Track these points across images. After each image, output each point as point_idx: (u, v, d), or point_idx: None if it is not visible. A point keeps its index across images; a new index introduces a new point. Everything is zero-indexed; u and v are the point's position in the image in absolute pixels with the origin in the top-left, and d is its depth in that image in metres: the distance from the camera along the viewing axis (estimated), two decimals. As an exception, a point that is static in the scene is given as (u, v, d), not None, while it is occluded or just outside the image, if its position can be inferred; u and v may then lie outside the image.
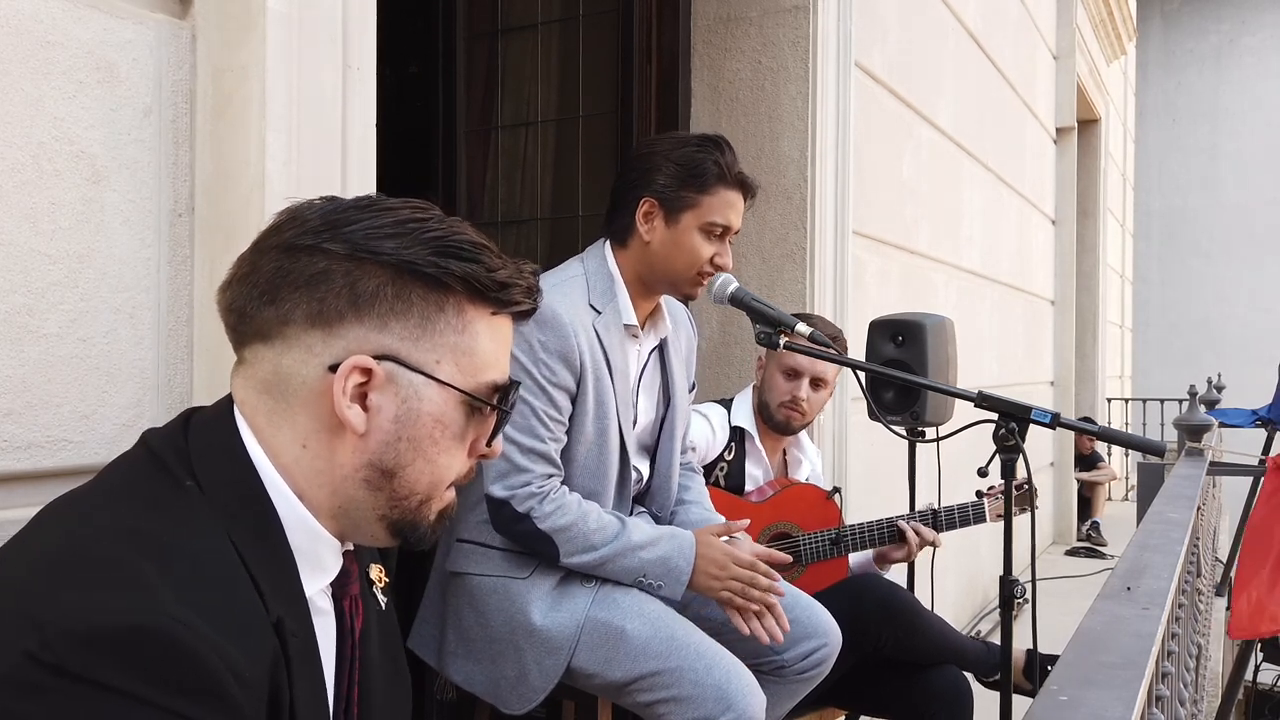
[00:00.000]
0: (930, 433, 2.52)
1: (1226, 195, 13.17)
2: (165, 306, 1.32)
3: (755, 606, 1.77)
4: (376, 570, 1.04)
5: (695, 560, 1.77)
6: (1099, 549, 6.81)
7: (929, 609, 2.41)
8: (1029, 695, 2.28)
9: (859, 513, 2.68)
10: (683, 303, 2.04)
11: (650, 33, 3.05)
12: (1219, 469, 3.96)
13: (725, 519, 1.98)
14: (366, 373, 0.86)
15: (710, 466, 2.37)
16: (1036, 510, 2.37)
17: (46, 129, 1.18)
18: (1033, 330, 6.36)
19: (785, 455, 2.50)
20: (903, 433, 2.53)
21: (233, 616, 0.77)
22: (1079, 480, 7.51)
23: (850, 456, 3.17)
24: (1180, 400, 5.92)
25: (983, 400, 1.77)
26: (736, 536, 1.87)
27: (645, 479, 1.97)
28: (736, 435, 2.41)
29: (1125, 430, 7.27)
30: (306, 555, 0.89)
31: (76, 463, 1.21)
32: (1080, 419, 3.38)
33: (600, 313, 1.81)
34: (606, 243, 1.89)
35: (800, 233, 2.98)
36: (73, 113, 1.21)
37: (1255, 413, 4.95)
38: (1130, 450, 5.70)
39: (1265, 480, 3.14)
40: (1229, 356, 11.93)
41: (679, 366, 1.98)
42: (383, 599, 1.04)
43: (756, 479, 2.41)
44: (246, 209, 1.32)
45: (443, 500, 0.94)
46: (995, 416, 1.77)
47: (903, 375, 2.04)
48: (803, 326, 1.84)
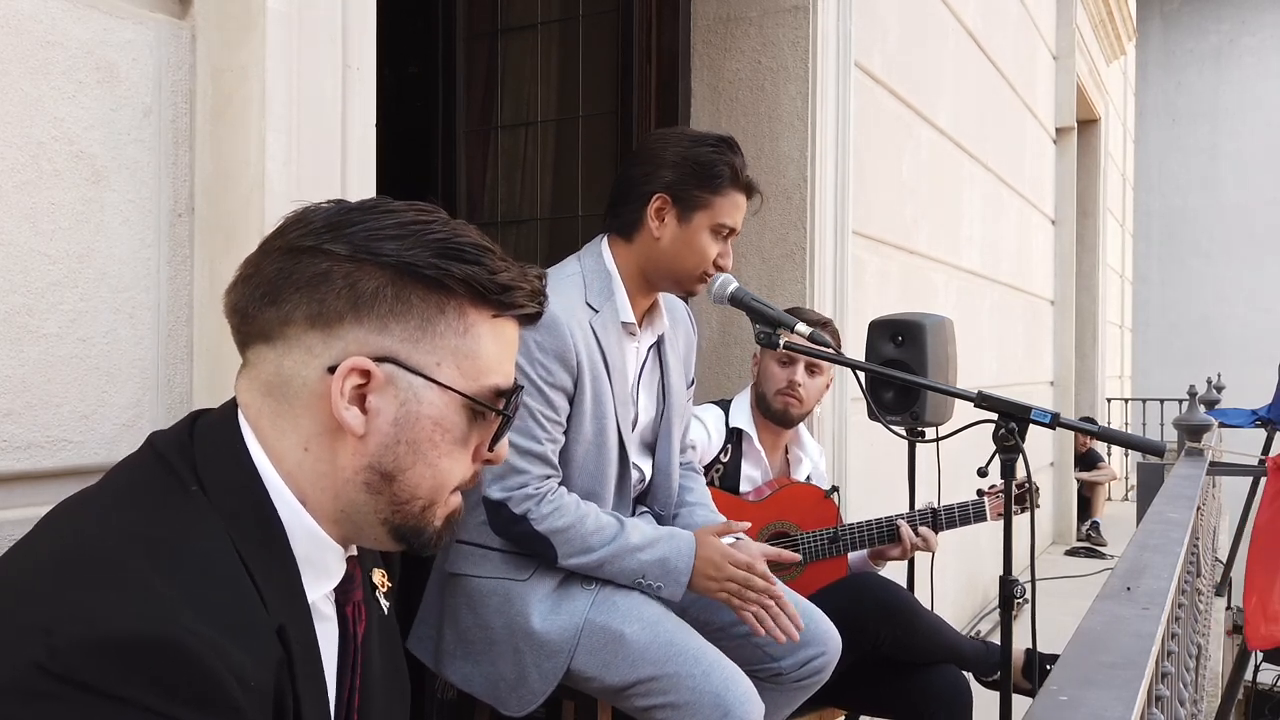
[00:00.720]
0: (930, 433, 2.52)
1: (1226, 195, 13.17)
2: (165, 306, 1.32)
3: (753, 607, 1.77)
4: (379, 575, 1.03)
5: (694, 561, 1.76)
6: (1099, 549, 6.81)
7: (928, 608, 2.41)
8: (1028, 695, 2.28)
9: (859, 512, 2.68)
10: (683, 299, 2.04)
11: (650, 33, 3.05)
12: (1219, 469, 3.96)
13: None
14: (365, 374, 0.85)
15: (706, 469, 2.37)
16: (1038, 509, 2.37)
17: (46, 129, 1.18)
18: (1032, 330, 6.36)
19: (786, 454, 2.50)
20: (902, 433, 2.53)
21: (237, 622, 0.77)
22: (1079, 480, 7.51)
23: (850, 456, 3.17)
24: (1180, 400, 5.92)
25: (982, 400, 1.77)
26: (739, 536, 1.86)
27: (647, 478, 1.97)
28: (733, 437, 2.40)
29: (1125, 430, 7.28)
30: (310, 561, 0.88)
31: (76, 463, 1.21)
32: (1081, 419, 3.38)
33: (598, 311, 1.80)
34: (604, 239, 1.88)
35: (800, 232, 2.98)
36: (72, 113, 1.21)
37: (1255, 413, 4.95)
38: (1130, 450, 5.70)
39: (1267, 485, 3.13)
40: (1229, 356, 11.93)
41: (675, 364, 1.97)
42: (385, 603, 1.04)
43: (754, 480, 2.41)
44: (246, 209, 1.32)
45: (448, 505, 0.92)
46: (995, 416, 1.77)
47: (902, 375, 2.05)
48: (802, 326, 1.84)
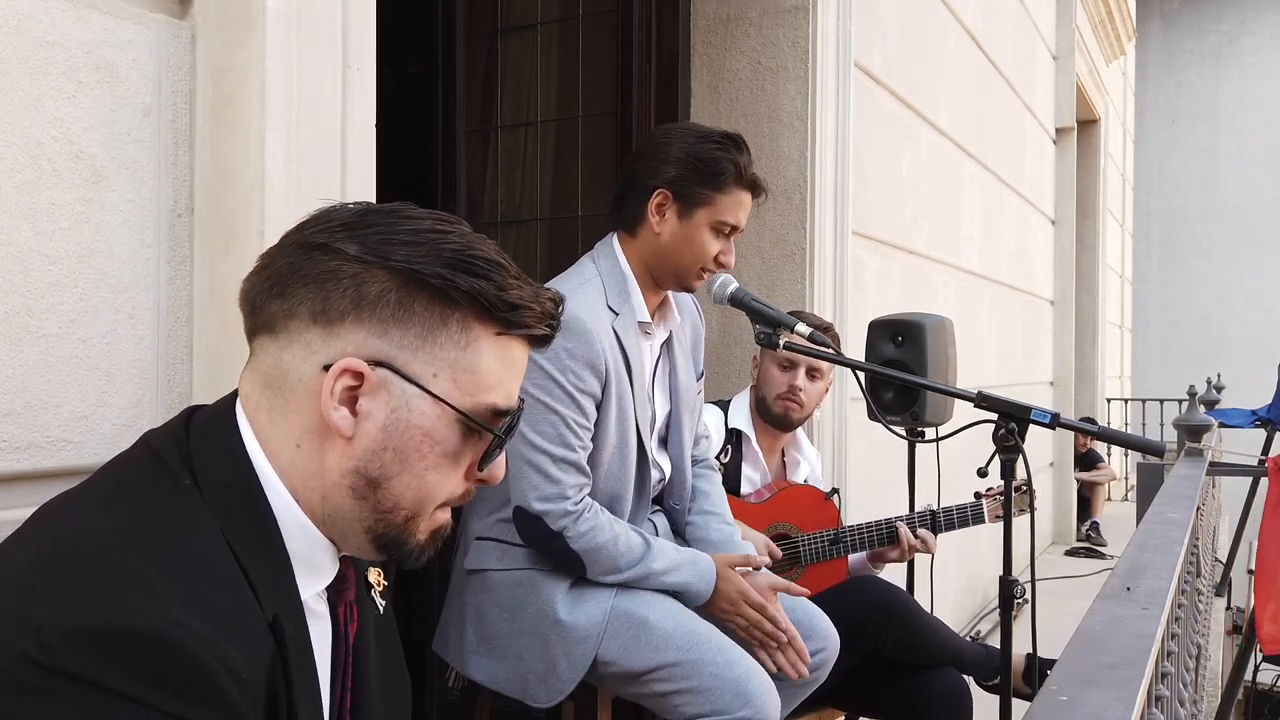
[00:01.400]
0: (930, 433, 2.52)
1: (1226, 195, 13.17)
2: (165, 306, 1.32)
3: (765, 641, 1.81)
4: (375, 574, 1.03)
5: (714, 593, 1.81)
6: (1099, 549, 6.81)
7: (928, 611, 2.41)
8: (1028, 700, 2.27)
9: (859, 513, 2.68)
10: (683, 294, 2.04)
11: (650, 33, 3.05)
12: (1218, 469, 3.96)
13: (742, 533, 1.99)
14: (358, 376, 0.85)
15: None
16: (1035, 512, 2.37)
17: (46, 129, 1.18)
18: (1032, 330, 6.36)
19: (784, 456, 2.49)
20: (902, 433, 2.52)
21: (229, 616, 0.77)
22: (1079, 480, 7.51)
23: (850, 457, 3.17)
24: (1180, 400, 5.92)
25: (982, 400, 1.77)
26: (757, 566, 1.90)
27: (667, 476, 1.98)
28: (733, 438, 2.40)
29: (1125, 430, 7.28)
30: (302, 557, 0.88)
31: (76, 463, 1.21)
32: (1081, 419, 3.38)
33: (618, 314, 1.80)
34: (614, 237, 1.88)
35: (800, 232, 2.98)
36: (72, 113, 1.20)
37: (1255, 413, 4.95)
38: (1130, 450, 5.70)
39: (1270, 490, 3.13)
40: (1229, 356, 11.93)
41: (683, 359, 1.98)
42: (381, 603, 1.03)
43: (754, 481, 2.41)
44: (246, 209, 1.32)
45: (433, 520, 0.91)
46: (995, 417, 1.77)
47: (902, 375, 2.05)
48: (802, 327, 1.85)
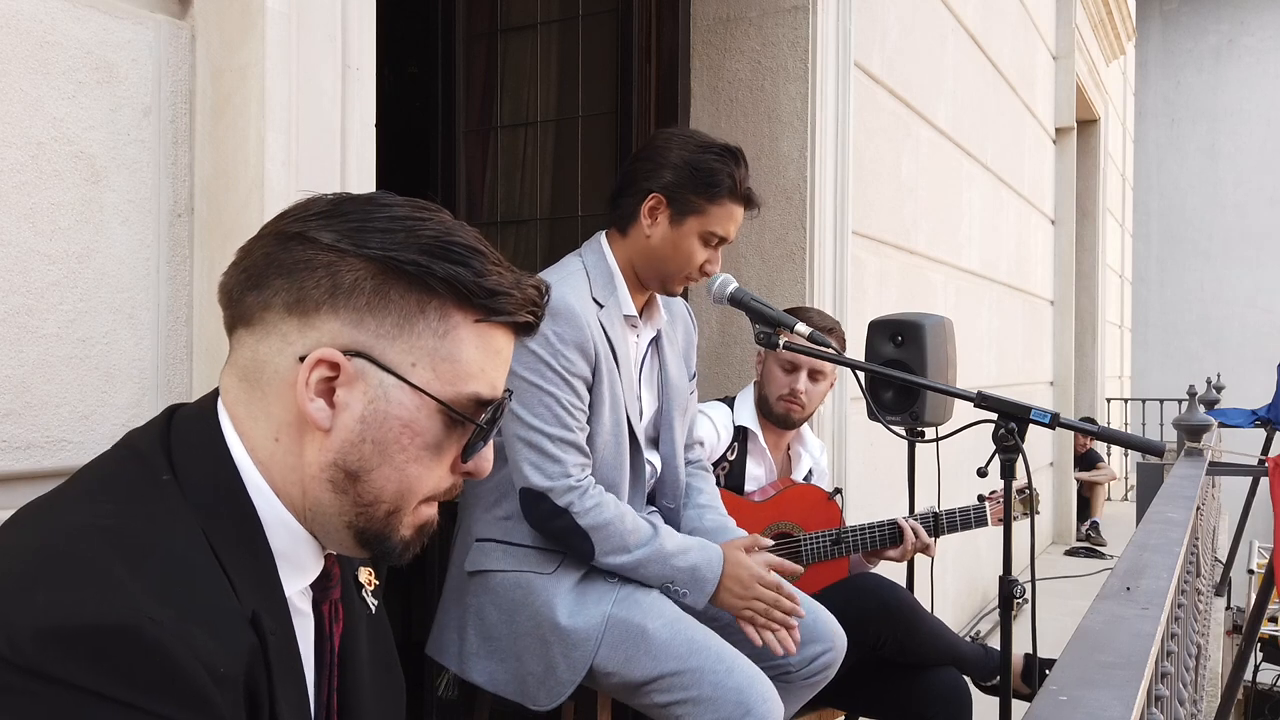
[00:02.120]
0: (930, 433, 2.52)
1: (1226, 195, 13.18)
2: (165, 306, 1.32)
3: (776, 627, 1.80)
4: (366, 574, 1.01)
5: (721, 576, 1.79)
6: (1098, 549, 6.81)
7: (928, 610, 2.41)
8: (1027, 700, 2.27)
9: (859, 513, 2.68)
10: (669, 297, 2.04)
11: (650, 33, 3.05)
12: (1218, 469, 3.96)
13: (737, 523, 1.99)
14: (334, 367, 0.83)
15: (713, 466, 2.37)
16: (1038, 515, 2.37)
17: (46, 129, 1.18)
18: (1032, 330, 6.36)
19: (788, 450, 2.50)
20: (902, 433, 2.52)
21: (207, 613, 0.75)
22: (1078, 480, 7.51)
23: (850, 456, 3.17)
24: (1180, 400, 5.92)
25: (982, 400, 1.77)
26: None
27: (659, 471, 1.98)
28: (739, 435, 2.41)
29: (1125, 430, 7.28)
30: (284, 554, 0.86)
31: (76, 463, 1.20)
32: (1080, 419, 3.38)
33: (603, 306, 1.82)
34: (603, 235, 1.90)
35: (800, 232, 2.98)
36: (72, 113, 1.21)
37: (1254, 413, 4.95)
38: (1130, 450, 5.70)
39: (1272, 490, 3.13)
40: (1229, 356, 11.94)
41: (674, 358, 1.99)
42: (373, 602, 1.01)
43: (759, 479, 2.41)
44: (246, 209, 1.32)
45: (417, 515, 0.88)
46: (995, 416, 1.77)
47: (902, 375, 2.05)
48: (802, 326, 1.85)
